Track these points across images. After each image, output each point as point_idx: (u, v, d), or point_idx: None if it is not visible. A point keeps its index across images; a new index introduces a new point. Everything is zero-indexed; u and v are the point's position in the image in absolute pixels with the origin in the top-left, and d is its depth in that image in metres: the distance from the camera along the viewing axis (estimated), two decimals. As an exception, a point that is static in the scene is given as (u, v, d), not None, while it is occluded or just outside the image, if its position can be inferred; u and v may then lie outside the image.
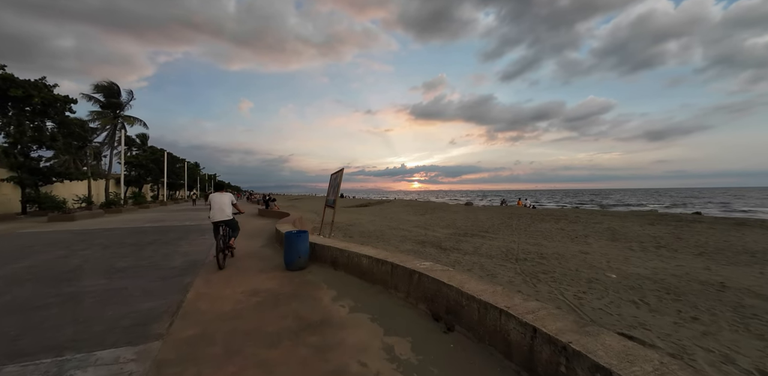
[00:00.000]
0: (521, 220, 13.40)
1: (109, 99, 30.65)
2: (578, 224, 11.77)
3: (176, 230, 10.09)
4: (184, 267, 5.25)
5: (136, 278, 4.66)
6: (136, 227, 11.30)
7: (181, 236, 8.86)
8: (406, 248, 9.20)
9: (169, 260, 5.86)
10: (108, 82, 30.87)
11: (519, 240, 9.61)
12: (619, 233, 9.75)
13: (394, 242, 10.26)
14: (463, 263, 7.16)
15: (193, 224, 12.12)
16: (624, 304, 4.53)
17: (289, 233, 5.16)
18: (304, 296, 3.88)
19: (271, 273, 4.88)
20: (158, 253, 6.48)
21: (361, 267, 4.51)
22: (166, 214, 17.83)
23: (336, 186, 8.48)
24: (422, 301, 3.47)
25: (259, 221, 13.27)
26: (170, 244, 7.53)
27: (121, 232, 9.86)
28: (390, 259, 4.10)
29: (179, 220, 13.70)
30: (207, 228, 10.65)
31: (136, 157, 34.84)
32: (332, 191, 8.85)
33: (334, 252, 5.09)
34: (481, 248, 8.80)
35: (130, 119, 31.51)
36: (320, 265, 5.29)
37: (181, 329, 2.96)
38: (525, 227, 11.86)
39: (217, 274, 4.84)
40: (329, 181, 9.88)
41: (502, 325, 2.46)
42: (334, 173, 9.26)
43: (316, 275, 4.75)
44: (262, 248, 6.89)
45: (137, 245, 7.49)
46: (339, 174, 8.41)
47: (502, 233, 11.14)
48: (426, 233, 11.98)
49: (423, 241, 10.35)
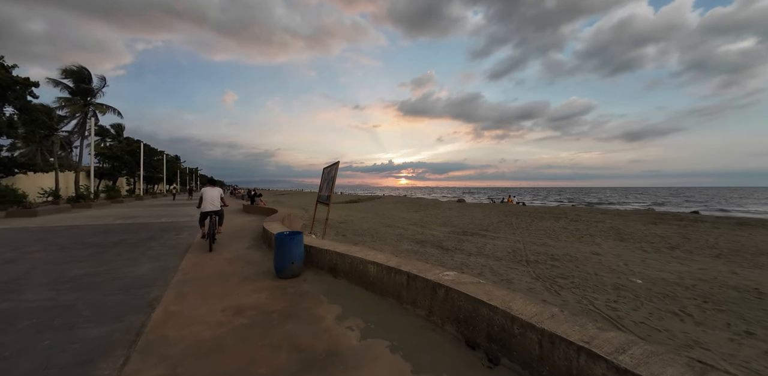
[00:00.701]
0: (520, 218, 12.99)
1: (78, 85, 28.46)
2: (580, 222, 11.43)
3: (149, 228, 9.08)
4: (153, 276, 4.41)
5: (90, 291, 3.80)
6: (104, 224, 10.19)
7: (153, 235, 7.89)
8: (405, 248, 8.56)
9: (135, 265, 4.99)
10: (78, 67, 28.64)
11: (523, 240, 9.12)
12: (624, 233, 9.41)
13: (390, 242, 9.59)
14: (471, 265, 6.57)
15: (169, 221, 11.08)
16: (666, 316, 4.01)
17: (281, 235, 4.39)
18: (302, 313, 3.15)
19: (259, 282, 4.11)
20: (123, 256, 5.57)
21: (368, 276, 3.80)
22: (141, 209, 16.54)
23: (330, 181, 7.72)
24: (450, 322, 2.80)
25: (244, 217, 12.33)
26: (139, 245, 6.60)
27: (85, 230, 8.78)
28: (405, 267, 3.42)
29: (154, 216, 12.58)
30: (185, 225, 9.68)
31: (110, 149, 32.73)
32: (326, 187, 8.08)
33: (333, 257, 4.36)
34: (485, 249, 8.24)
35: (103, 107, 29.42)
36: (317, 272, 4.55)
37: (138, 370, 2.19)
38: (526, 225, 11.43)
39: (193, 284, 4.04)
40: (321, 175, 9.09)
41: (584, 368, 1.81)
42: (328, 167, 8.48)
43: (313, 285, 4.01)
44: (249, 251, 6.08)
45: (100, 246, 6.52)
46: (333, 168, 7.64)
47: (503, 231, 10.65)
48: (423, 231, 11.37)
49: (421, 240, 9.73)
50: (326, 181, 8.18)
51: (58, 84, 27.97)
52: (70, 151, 38.48)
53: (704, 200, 62.32)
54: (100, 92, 29.78)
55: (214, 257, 5.48)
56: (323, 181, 8.72)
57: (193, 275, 4.40)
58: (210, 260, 5.32)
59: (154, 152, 39.99)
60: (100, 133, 41.66)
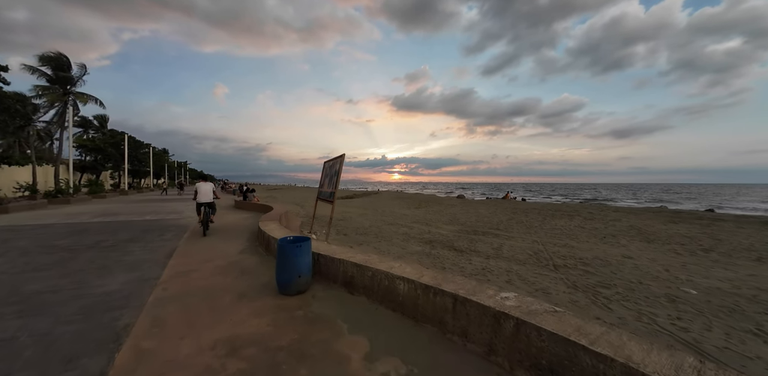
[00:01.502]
0: (529, 216, 12.38)
1: (57, 72, 26.73)
2: (595, 221, 10.88)
3: (130, 228, 8.17)
4: (127, 291, 3.59)
5: (42, 315, 2.98)
6: (80, 222, 9.21)
7: (134, 236, 7.01)
8: (414, 250, 7.85)
9: (108, 276, 4.15)
10: (56, 53, 26.88)
11: (541, 240, 8.48)
12: (648, 233, 8.86)
13: (397, 242, 8.88)
14: (493, 270, 5.89)
15: (154, 218, 10.14)
16: (746, 338, 3.37)
17: (285, 242, 3.61)
18: (318, 351, 2.39)
19: (258, 300, 3.33)
20: (94, 264, 4.72)
21: (396, 294, 3.06)
22: (124, 205, 15.47)
23: (333, 176, 6.91)
24: (526, 368, 2.08)
25: (237, 214, 11.44)
26: (116, 249, 5.73)
27: (57, 230, 7.83)
28: (448, 287, 2.68)
29: (138, 213, 11.59)
30: (171, 224, 8.78)
31: (93, 141, 31.12)
32: (328, 182, 7.28)
33: (348, 268, 3.60)
34: (502, 250, 7.58)
35: (83, 97, 27.77)
36: (327, 285, 3.79)
37: None
38: (539, 224, 10.82)
39: (175, 304, 3.24)
40: (323, 169, 8.28)
41: None
42: (330, 161, 7.67)
43: (326, 304, 3.25)
44: (243, 256, 5.27)
45: (70, 250, 5.64)
46: (338, 161, 6.83)
47: (516, 230, 10.01)
48: (429, 230, 10.68)
49: (430, 240, 9.04)
50: (328, 176, 7.39)
51: (35, 71, 26.26)
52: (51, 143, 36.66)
53: (697, 196, 62.98)
54: (80, 81, 28.09)
55: (203, 265, 4.67)
56: (324, 176, 7.94)
57: (176, 291, 3.60)
58: (198, 268, 4.51)
59: (139, 145, 38.32)
60: (83, 124, 39.78)
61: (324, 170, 8.08)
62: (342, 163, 6.55)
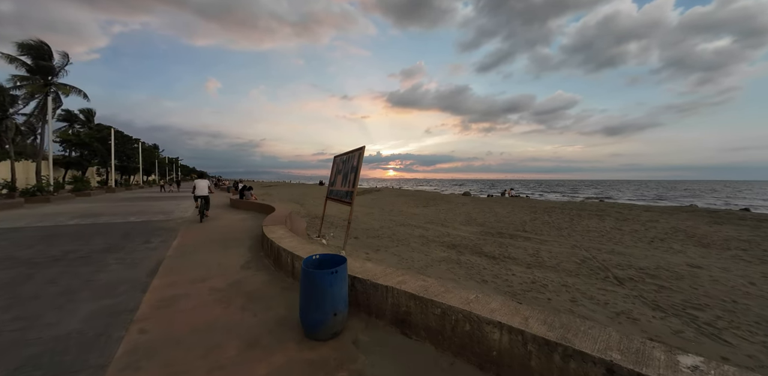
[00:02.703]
0: (553, 215, 11.48)
1: (37, 62, 25.03)
2: (629, 221, 10.02)
3: (110, 232, 7.07)
4: (87, 336, 2.55)
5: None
6: (54, 225, 8.06)
7: (112, 243, 5.92)
8: (439, 256, 6.88)
9: (67, 307, 3.10)
10: (36, 41, 25.13)
11: (581, 244, 7.58)
12: (698, 236, 8.01)
13: (416, 246, 7.91)
14: (546, 284, 4.94)
15: (139, 220, 9.01)
16: None
17: (311, 264, 2.60)
18: None
19: (277, 352, 2.32)
20: (56, 286, 3.65)
21: (487, 346, 2.08)
22: (109, 205, 14.23)
23: (350, 172, 5.89)
24: None
25: (233, 215, 10.35)
26: (89, 262, 4.65)
27: (23, 235, 6.69)
28: (583, 344, 1.70)
29: (122, 214, 10.43)
30: (159, 227, 7.67)
31: (77, 135, 29.49)
32: (343, 179, 6.24)
33: (401, 300, 2.60)
34: (540, 257, 6.66)
35: (66, 88, 26.08)
36: (368, 321, 2.79)
37: None
38: (567, 224, 9.94)
39: (156, 360, 2.22)
40: (333, 165, 7.25)
41: None
42: (343, 154, 6.63)
43: (378, 358, 2.25)
44: (246, 272, 4.24)
45: (30, 264, 4.55)
46: (356, 155, 5.81)
47: (546, 232, 9.11)
48: (448, 231, 9.73)
49: (453, 244, 8.08)
50: (343, 172, 6.36)
51: (14, 60, 24.57)
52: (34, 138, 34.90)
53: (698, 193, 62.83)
54: (62, 71, 26.38)
55: (195, 286, 3.63)
56: (336, 172, 6.92)
57: (158, 334, 2.57)
58: (189, 291, 3.48)
59: (128, 140, 36.69)
60: (68, 118, 37.92)
61: (335, 166, 7.06)
62: (361, 158, 5.53)
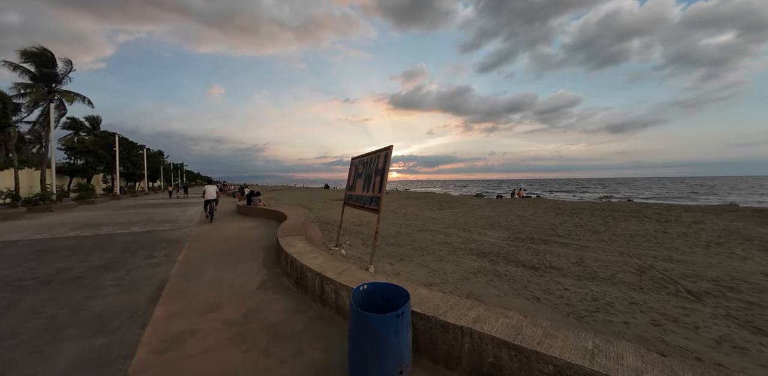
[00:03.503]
0: (583, 217, 10.71)
1: (41, 69, 24.85)
2: (672, 223, 9.25)
3: (111, 245, 6.46)
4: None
5: None
6: (51, 238, 7.48)
7: (111, 259, 5.30)
8: (472, 266, 6.19)
9: (46, 351, 2.46)
10: (39, 48, 24.98)
11: (630, 251, 6.83)
12: (756, 239, 7.24)
13: (442, 254, 7.21)
14: (612, 302, 4.22)
15: (142, 230, 8.41)
16: None
17: (361, 298, 1.95)
18: None
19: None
20: (37, 318, 3.02)
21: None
22: (112, 213, 13.70)
23: (376, 175, 5.23)
24: None
25: (241, 222, 9.73)
26: (82, 284, 4.03)
27: (15, 251, 6.11)
28: None
29: (125, 223, 9.86)
30: (163, 238, 7.06)
31: (82, 143, 29.23)
32: (366, 184, 5.57)
33: (484, 346, 1.92)
34: (587, 265, 5.93)
35: (70, 95, 25.83)
36: (435, 372, 2.12)
37: None
38: (604, 228, 9.19)
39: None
40: (351, 167, 6.61)
41: None
42: (364, 156, 5.98)
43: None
44: (264, 296, 3.58)
45: (15, 288, 3.93)
46: (381, 155, 5.17)
47: (583, 237, 8.36)
48: (472, 237, 9.02)
49: (482, 251, 7.38)
50: (364, 176, 5.69)
51: (17, 68, 24.40)
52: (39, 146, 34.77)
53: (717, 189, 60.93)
54: (66, 78, 26.20)
55: (204, 318, 2.99)
56: (355, 176, 6.25)
57: None
58: (197, 325, 2.83)
59: (132, 146, 36.45)
60: (73, 126, 37.88)
61: (353, 169, 6.40)
62: (389, 159, 4.87)
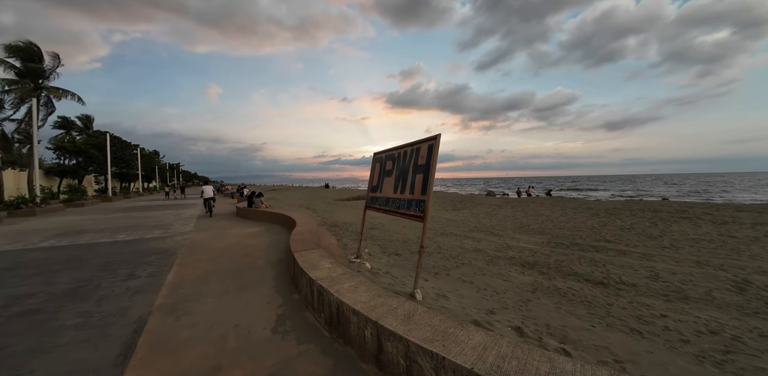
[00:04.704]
0: (625, 219, 9.63)
1: (26, 64, 23.56)
2: (731, 225, 8.28)
3: (87, 260, 5.37)
4: None
5: None
6: (22, 249, 6.38)
7: (84, 280, 4.22)
8: (523, 281, 5.14)
9: None
10: (26, 42, 23.68)
11: (706, 260, 5.82)
12: None
13: (480, 264, 6.16)
14: (740, 336, 3.19)
15: (130, 238, 7.32)
16: None
17: None
18: None
19: None
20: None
21: None
22: (100, 217, 12.56)
23: (414, 173, 4.17)
24: None
25: (242, 227, 8.65)
26: (31, 325, 2.96)
27: (-30, 267, 5.01)
28: None
29: (111, 230, 8.74)
30: (152, 250, 5.94)
31: (72, 142, 27.96)
32: (401, 184, 4.48)
33: None
34: (666, 280, 4.91)
35: (57, 91, 24.57)
36: None
37: None
38: (657, 232, 8.17)
39: None
40: (373, 165, 5.54)
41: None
42: (391, 150, 4.92)
43: None
44: (286, 347, 2.52)
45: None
46: (424, 147, 4.10)
47: (637, 242, 7.35)
48: (505, 242, 7.98)
49: (527, 261, 6.34)
50: (397, 173, 4.61)
51: (1, 63, 23.10)
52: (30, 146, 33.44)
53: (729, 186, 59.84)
54: (54, 74, 24.93)
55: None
56: (382, 174, 5.11)
57: None
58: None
59: (126, 146, 35.17)
60: (65, 125, 36.55)
61: (377, 166, 5.27)
62: (435, 151, 3.80)
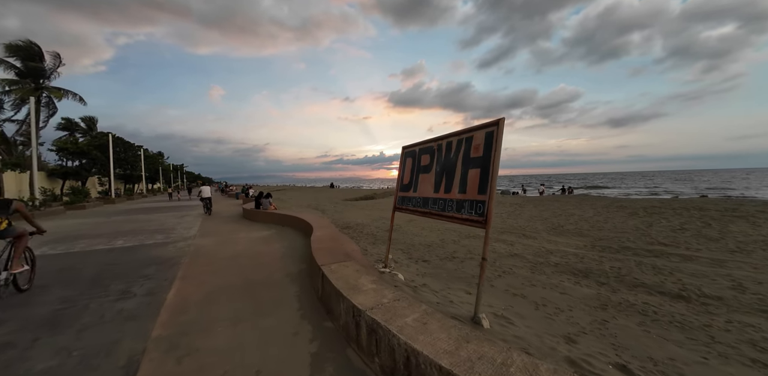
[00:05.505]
0: (671, 219, 8.67)
1: (27, 63, 23.03)
2: None
3: (78, 272, 4.63)
4: None
5: None
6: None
7: (70, 301, 3.48)
8: (583, 294, 4.33)
9: None
10: (26, 41, 23.15)
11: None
12: None
13: (523, 273, 5.35)
14: None
15: (129, 245, 6.60)
16: None
17: None
18: None
19: None
20: None
21: None
22: (101, 221, 11.89)
23: (467, 166, 3.37)
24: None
25: (251, 231, 7.89)
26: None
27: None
28: None
29: (109, 235, 8.04)
30: (153, 258, 5.17)
31: (75, 143, 27.47)
32: (445, 181, 3.68)
33: None
34: (756, 292, 4.06)
35: (59, 92, 24.06)
36: None
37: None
38: (716, 233, 7.29)
39: None
40: (403, 159, 4.76)
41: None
42: (424, 143, 4.15)
43: None
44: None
45: None
46: (479, 136, 3.30)
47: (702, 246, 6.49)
48: (543, 246, 7.16)
49: (577, 269, 5.50)
50: (439, 169, 3.80)
51: (1, 63, 22.59)
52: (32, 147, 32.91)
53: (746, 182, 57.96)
54: (54, 73, 24.41)
55: None
56: (416, 170, 4.30)
57: None
58: None
59: (130, 147, 34.69)
60: (68, 127, 36.20)
61: (409, 161, 4.46)
62: (499, 138, 3.00)
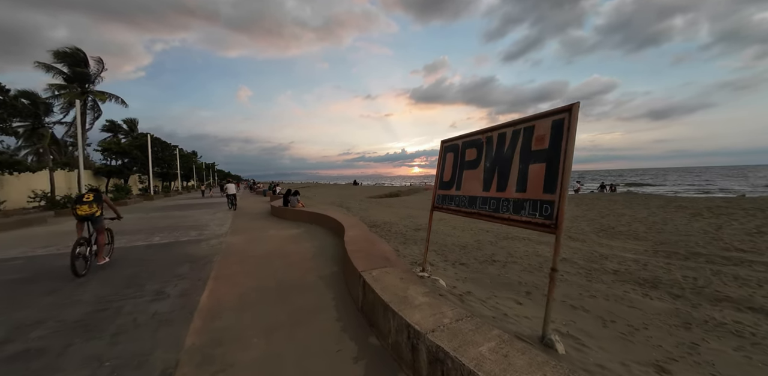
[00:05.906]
0: (742, 221, 7.68)
1: (74, 69, 24.58)
2: None
3: (113, 271, 4.64)
4: None
5: None
6: (55, 253, 5.86)
7: (105, 301, 3.40)
8: (656, 308, 3.73)
9: None
10: (71, 48, 24.69)
11: None
12: None
13: (578, 280, 4.80)
14: None
15: (165, 241, 6.66)
16: None
17: None
18: None
19: None
20: None
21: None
22: (140, 216, 12.36)
23: (529, 160, 2.88)
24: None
25: (280, 229, 7.80)
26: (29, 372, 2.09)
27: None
28: None
29: (147, 231, 8.21)
30: (187, 255, 5.11)
31: (117, 144, 29.14)
32: (498, 178, 3.21)
33: None
34: None
35: (103, 95, 25.51)
36: None
37: None
38: None
39: None
40: (442, 154, 4.32)
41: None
42: (468, 137, 3.70)
43: None
44: None
45: None
46: (543, 125, 2.82)
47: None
48: (595, 250, 6.51)
49: (641, 278, 4.87)
50: (486, 164, 3.32)
51: (50, 69, 24.23)
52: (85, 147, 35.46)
53: None
54: (98, 78, 25.93)
55: None
56: (457, 165, 3.82)
57: None
58: None
59: (166, 146, 36.44)
60: (112, 129, 38.68)
61: (450, 156, 3.97)
62: (573, 125, 2.52)
